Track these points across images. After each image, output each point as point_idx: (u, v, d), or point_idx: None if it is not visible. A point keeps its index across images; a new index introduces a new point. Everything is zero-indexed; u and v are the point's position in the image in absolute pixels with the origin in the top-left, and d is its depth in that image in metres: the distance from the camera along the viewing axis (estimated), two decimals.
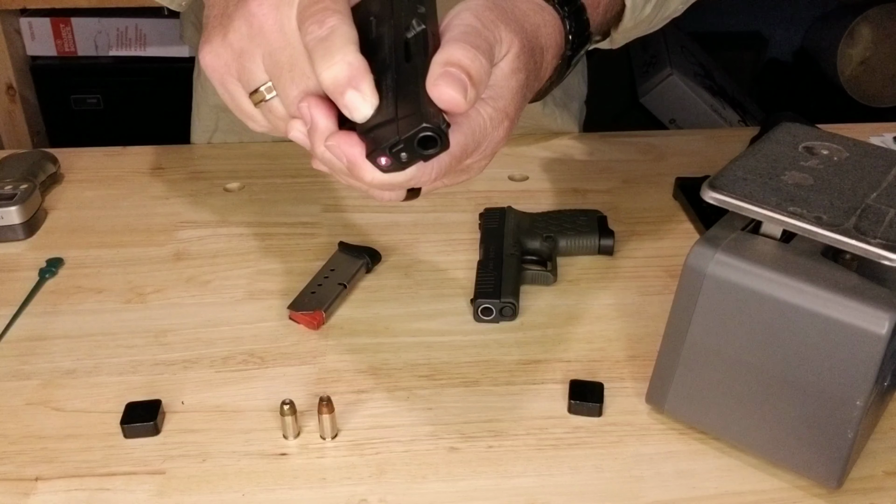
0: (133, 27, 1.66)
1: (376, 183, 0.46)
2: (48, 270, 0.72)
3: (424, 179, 0.47)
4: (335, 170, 0.49)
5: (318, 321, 0.66)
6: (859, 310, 0.47)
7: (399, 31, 0.47)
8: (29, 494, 0.53)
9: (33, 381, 0.62)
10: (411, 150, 0.44)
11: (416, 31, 0.47)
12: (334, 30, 0.44)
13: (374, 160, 0.45)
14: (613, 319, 0.67)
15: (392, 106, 0.45)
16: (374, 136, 0.45)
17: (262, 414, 0.59)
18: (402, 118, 0.44)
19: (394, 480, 0.54)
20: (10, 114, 1.66)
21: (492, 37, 0.47)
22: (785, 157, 0.55)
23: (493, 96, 0.48)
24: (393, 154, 0.44)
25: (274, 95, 0.49)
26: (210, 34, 0.50)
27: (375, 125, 0.45)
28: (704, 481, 0.54)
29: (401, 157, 0.44)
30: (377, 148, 0.44)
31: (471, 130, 0.47)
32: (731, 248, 0.51)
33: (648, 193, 0.83)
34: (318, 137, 0.46)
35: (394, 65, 0.46)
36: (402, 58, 0.46)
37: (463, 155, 0.47)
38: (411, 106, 0.44)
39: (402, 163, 0.44)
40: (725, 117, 1.75)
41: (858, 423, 0.49)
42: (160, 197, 0.83)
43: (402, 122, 0.44)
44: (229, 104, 0.52)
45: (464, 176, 0.52)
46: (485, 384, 0.61)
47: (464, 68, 0.44)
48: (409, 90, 0.45)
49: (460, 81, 0.44)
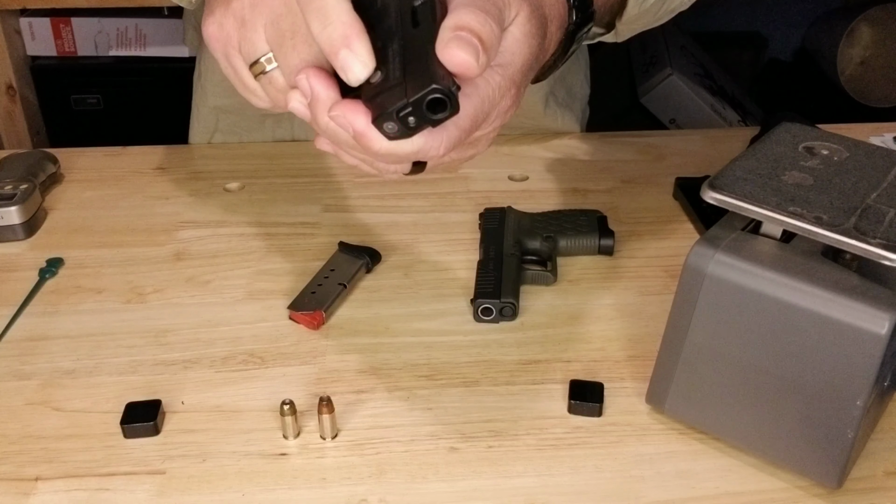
0: (133, 27, 1.66)
1: (383, 152, 0.44)
2: (48, 270, 0.72)
3: (433, 152, 0.45)
4: (340, 142, 0.47)
5: (318, 321, 0.66)
6: (859, 310, 0.47)
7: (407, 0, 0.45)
8: (29, 494, 0.53)
9: (33, 381, 0.62)
10: (420, 113, 0.42)
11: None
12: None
13: (381, 126, 0.43)
14: (613, 319, 0.67)
15: (399, 70, 0.43)
16: (380, 100, 0.43)
17: (262, 414, 0.59)
18: (409, 82, 0.42)
19: (394, 480, 0.54)
20: (10, 114, 1.66)
21: (500, 1, 0.46)
22: (785, 157, 0.55)
23: (502, 63, 0.47)
24: (400, 118, 0.42)
25: (274, 67, 0.48)
26: (213, 5, 0.49)
27: (382, 91, 0.43)
28: (704, 481, 0.54)
29: (409, 121, 0.42)
30: (384, 112, 0.42)
31: (480, 99, 0.46)
32: (731, 248, 0.51)
33: (648, 193, 0.83)
34: (321, 108, 0.45)
35: (400, 31, 0.44)
36: (410, 24, 0.44)
37: (473, 126, 0.46)
38: (420, 69, 0.42)
39: (410, 128, 0.43)
40: (725, 117, 1.75)
41: (858, 423, 0.49)
42: (160, 197, 0.83)
43: (411, 85, 0.42)
44: (231, 78, 0.51)
45: (471, 150, 0.50)
46: (485, 384, 0.61)
47: (475, 32, 0.43)
48: (417, 55, 0.43)
49: (472, 45, 0.42)
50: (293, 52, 0.46)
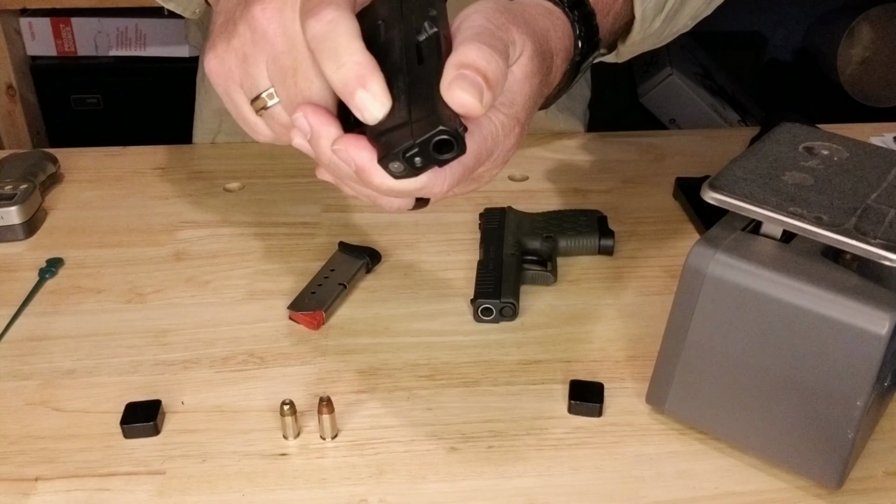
0: (133, 27, 1.67)
1: (385, 189, 0.44)
2: (48, 270, 0.72)
3: (436, 189, 0.45)
4: (342, 176, 0.47)
5: (318, 321, 0.66)
6: (859, 310, 0.47)
7: (410, 34, 0.45)
8: (29, 494, 0.53)
9: (33, 381, 0.62)
10: (426, 154, 0.42)
11: (429, 33, 0.45)
12: (335, 23, 0.42)
13: (386, 165, 0.43)
14: (613, 319, 0.67)
15: (405, 109, 0.43)
16: (385, 140, 0.43)
17: (262, 414, 0.59)
18: (416, 122, 0.42)
19: (394, 480, 0.54)
20: (10, 114, 1.66)
21: (506, 37, 0.45)
22: (785, 158, 0.55)
23: (505, 102, 0.47)
24: (406, 159, 0.42)
25: (276, 102, 0.47)
26: (214, 40, 0.49)
27: (387, 129, 0.43)
28: (704, 481, 0.54)
29: (415, 161, 0.42)
30: (389, 153, 0.42)
31: (482, 138, 0.46)
32: (731, 248, 0.51)
33: (648, 193, 0.83)
34: (323, 143, 0.45)
35: (405, 68, 0.44)
36: (415, 61, 0.44)
37: (476, 164, 0.46)
38: (425, 109, 0.42)
39: (416, 168, 0.43)
40: (725, 117, 1.75)
41: (859, 424, 0.49)
42: (160, 197, 0.83)
43: (416, 125, 0.42)
44: (233, 113, 0.50)
45: (474, 185, 0.50)
46: (485, 384, 0.61)
47: (479, 70, 0.43)
48: (422, 93, 0.43)
49: (476, 84, 0.42)
50: (295, 88, 0.45)
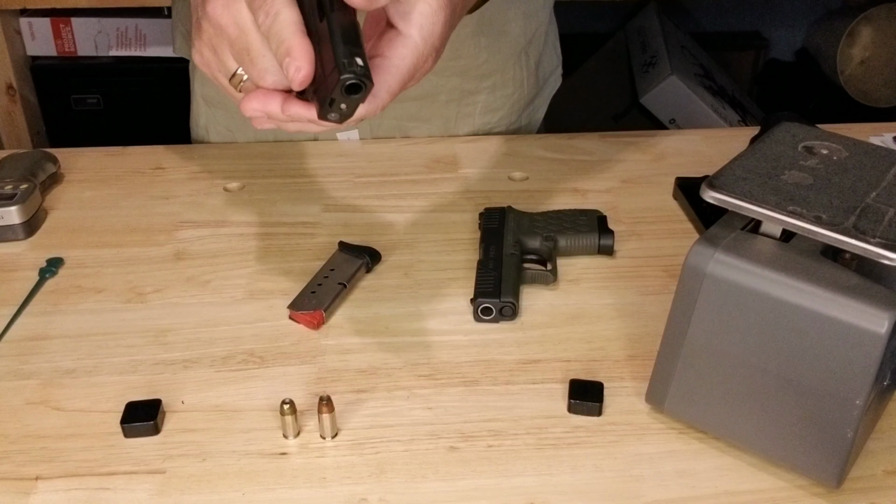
0: (133, 27, 1.67)
1: (343, 127, 0.53)
2: (48, 270, 0.72)
3: (376, 111, 0.53)
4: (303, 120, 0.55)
5: (318, 321, 0.66)
6: (859, 309, 0.47)
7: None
8: (29, 494, 0.53)
9: (33, 380, 0.62)
10: (346, 100, 0.49)
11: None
12: (277, 16, 0.51)
13: (325, 117, 0.50)
14: (613, 319, 0.67)
15: (320, 66, 0.50)
16: (317, 97, 0.50)
17: (262, 413, 0.59)
18: (329, 76, 0.49)
19: (394, 480, 0.54)
20: (10, 114, 1.66)
21: None
22: (785, 157, 0.55)
23: (424, 35, 0.54)
24: (335, 108, 0.49)
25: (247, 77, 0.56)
26: (193, 39, 0.58)
27: (315, 89, 0.50)
28: (704, 481, 0.54)
29: (342, 108, 0.49)
30: (321, 108, 0.50)
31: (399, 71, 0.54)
32: (730, 247, 0.51)
33: (648, 193, 0.83)
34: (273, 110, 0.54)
35: (314, 28, 0.51)
36: (318, 19, 0.50)
37: (402, 87, 0.55)
38: (331, 61, 0.49)
39: (347, 111, 0.50)
40: (725, 117, 1.75)
41: (858, 423, 0.49)
42: (160, 197, 0.83)
43: (329, 79, 0.49)
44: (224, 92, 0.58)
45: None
46: (485, 384, 0.61)
47: None
48: (328, 46, 0.49)
49: None
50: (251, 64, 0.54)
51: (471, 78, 0.92)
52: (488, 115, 0.95)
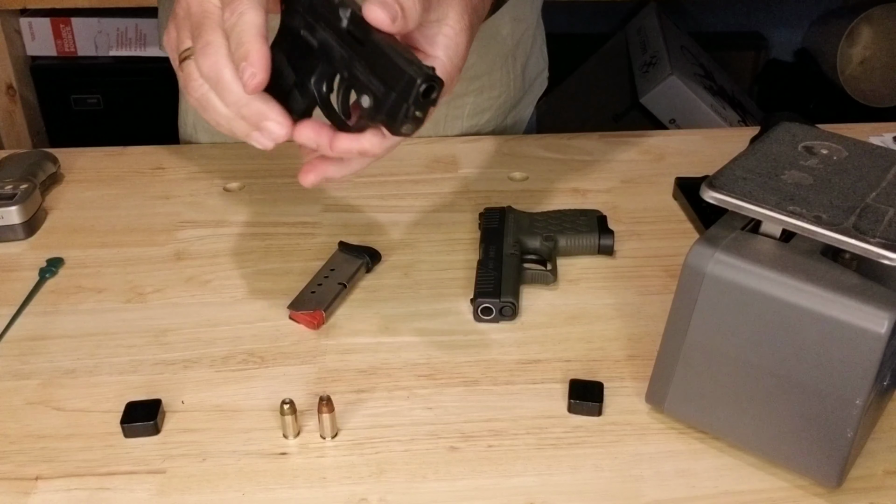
0: (133, 27, 1.67)
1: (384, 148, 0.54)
2: (48, 270, 0.72)
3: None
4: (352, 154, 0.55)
5: (318, 321, 0.66)
6: (859, 309, 0.47)
7: (335, 27, 0.52)
8: (29, 494, 0.53)
9: (33, 380, 0.62)
10: (420, 105, 0.49)
11: (347, 17, 0.51)
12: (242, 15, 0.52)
13: (400, 130, 0.50)
14: (613, 319, 0.67)
15: (380, 84, 0.50)
16: (386, 114, 0.50)
17: (262, 413, 0.59)
18: (396, 88, 0.49)
19: (394, 480, 0.54)
20: (10, 114, 1.66)
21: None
22: (784, 157, 0.55)
23: (450, 56, 0.55)
24: (409, 118, 0.50)
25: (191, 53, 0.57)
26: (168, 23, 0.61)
27: (381, 107, 0.50)
28: (704, 481, 0.54)
29: (416, 116, 0.50)
30: (393, 123, 0.50)
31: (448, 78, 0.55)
32: (730, 247, 0.51)
33: (648, 193, 0.83)
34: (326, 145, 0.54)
35: (354, 55, 0.51)
36: (356, 45, 0.51)
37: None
38: (396, 74, 0.49)
39: (422, 116, 0.50)
40: (725, 117, 1.75)
41: (858, 423, 0.49)
42: (160, 197, 0.83)
43: (399, 90, 0.49)
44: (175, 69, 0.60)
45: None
46: (485, 384, 0.61)
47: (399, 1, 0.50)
48: (384, 64, 0.50)
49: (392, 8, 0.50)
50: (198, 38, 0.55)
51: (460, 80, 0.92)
52: (476, 118, 0.95)
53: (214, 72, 0.54)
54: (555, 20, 1.02)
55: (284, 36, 0.55)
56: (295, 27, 0.54)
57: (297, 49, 0.54)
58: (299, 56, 0.54)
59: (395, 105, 0.49)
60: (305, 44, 0.54)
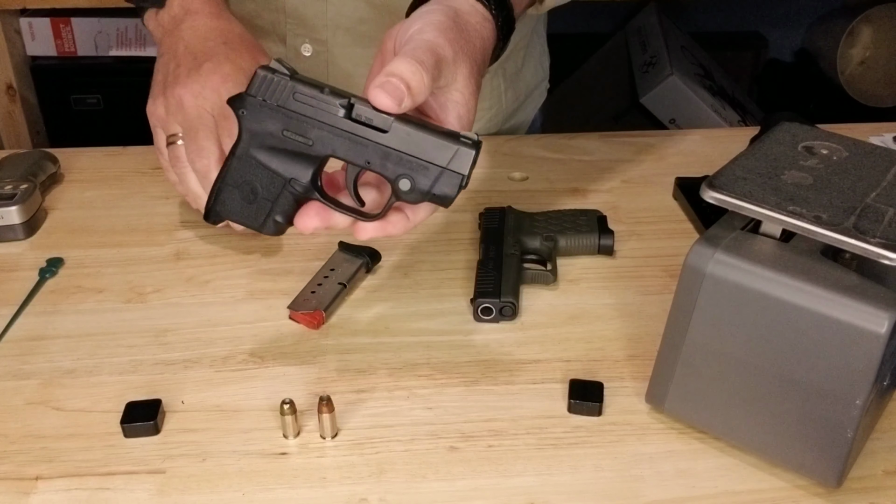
0: (133, 27, 1.66)
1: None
2: (48, 270, 0.72)
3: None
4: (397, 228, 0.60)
5: (318, 321, 0.66)
6: (859, 309, 0.47)
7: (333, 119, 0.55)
8: (29, 494, 0.53)
9: (33, 380, 0.62)
10: (471, 166, 0.54)
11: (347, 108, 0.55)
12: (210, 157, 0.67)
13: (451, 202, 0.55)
14: (613, 319, 0.67)
15: (426, 163, 0.54)
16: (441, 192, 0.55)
17: (262, 413, 0.59)
18: (447, 163, 0.54)
19: (394, 480, 0.54)
20: (10, 114, 1.66)
21: (441, 57, 0.54)
22: (785, 157, 0.55)
23: (461, 121, 0.57)
24: (465, 187, 0.55)
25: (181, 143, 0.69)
26: (155, 91, 0.71)
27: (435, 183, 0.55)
28: (704, 480, 0.54)
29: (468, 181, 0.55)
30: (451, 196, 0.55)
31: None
32: (730, 247, 0.51)
33: (648, 193, 0.83)
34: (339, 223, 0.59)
35: (380, 143, 0.54)
36: (377, 134, 0.54)
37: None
38: (443, 146, 0.54)
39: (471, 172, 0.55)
40: (725, 117, 1.75)
41: (858, 423, 0.49)
42: (160, 197, 0.83)
43: (454, 162, 0.54)
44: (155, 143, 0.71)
45: None
46: (485, 384, 0.61)
47: (404, 80, 0.52)
48: (425, 141, 0.54)
49: (398, 90, 0.52)
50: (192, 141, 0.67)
51: None
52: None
53: (204, 172, 0.67)
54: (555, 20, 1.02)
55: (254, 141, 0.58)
56: (266, 130, 0.57)
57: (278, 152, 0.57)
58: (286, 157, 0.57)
59: (451, 179, 0.54)
60: (293, 143, 0.56)
